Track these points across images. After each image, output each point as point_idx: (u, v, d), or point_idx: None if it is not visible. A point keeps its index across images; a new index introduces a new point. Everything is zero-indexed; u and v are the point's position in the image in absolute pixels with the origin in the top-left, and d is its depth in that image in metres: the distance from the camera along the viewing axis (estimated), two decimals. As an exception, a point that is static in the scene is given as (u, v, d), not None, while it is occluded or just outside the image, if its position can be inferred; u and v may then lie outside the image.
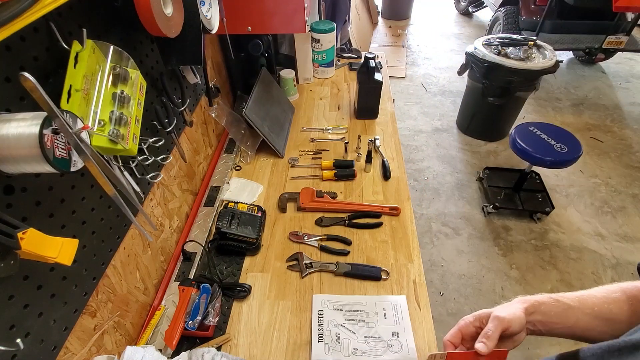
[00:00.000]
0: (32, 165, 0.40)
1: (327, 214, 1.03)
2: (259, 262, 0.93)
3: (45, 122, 0.39)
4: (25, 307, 0.49)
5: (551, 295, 0.58)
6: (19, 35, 0.44)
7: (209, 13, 0.85)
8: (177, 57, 0.78)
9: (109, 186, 0.48)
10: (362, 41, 3.63)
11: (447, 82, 3.64)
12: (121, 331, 0.73)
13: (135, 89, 0.61)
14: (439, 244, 2.10)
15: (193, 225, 1.01)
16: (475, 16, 5.21)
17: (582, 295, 0.59)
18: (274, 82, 1.39)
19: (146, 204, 0.80)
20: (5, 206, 0.44)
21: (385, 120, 1.39)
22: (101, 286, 0.65)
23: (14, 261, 0.40)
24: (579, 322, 0.56)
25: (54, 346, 0.54)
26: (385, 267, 0.89)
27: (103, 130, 0.53)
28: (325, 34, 1.50)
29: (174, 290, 0.85)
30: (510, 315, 0.55)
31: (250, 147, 1.22)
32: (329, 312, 0.81)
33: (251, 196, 1.10)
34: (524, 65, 2.27)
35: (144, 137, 0.71)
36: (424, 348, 0.75)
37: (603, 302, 0.57)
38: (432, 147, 2.82)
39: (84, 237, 0.59)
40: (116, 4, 0.62)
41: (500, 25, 3.49)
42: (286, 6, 1.06)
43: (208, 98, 1.11)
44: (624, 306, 0.56)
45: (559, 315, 0.56)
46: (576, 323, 0.56)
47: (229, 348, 0.77)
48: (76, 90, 0.48)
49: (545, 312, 0.57)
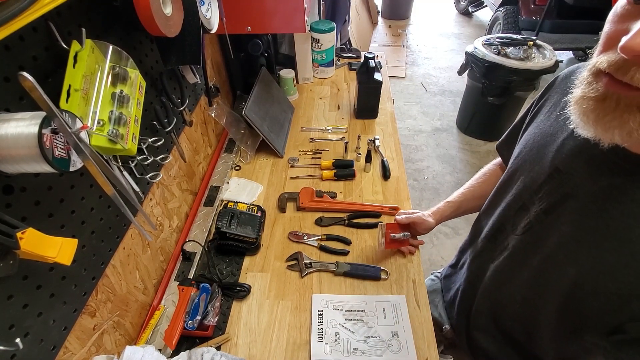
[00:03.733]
0: (31, 165, 0.40)
1: (326, 214, 1.03)
2: (258, 262, 0.93)
3: (44, 122, 0.39)
4: (25, 306, 0.48)
5: (447, 200, 0.91)
6: (18, 35, 0.44)
7: (209, 13, 0.84)
8: (177, 56, 0.78)
9: (108, 186, 0.48)
10: (362, 41, 3.63)
11: (447, 81, 3.64)
12: (120, 331, 0.73)
13: (135, 88, 0.61)
14: (438, 244, 2.11)
15: (193, 225, 1.01)
16: (475, 16, 5.21)
17: (466, 190, 0.91)
18: (273, 82, 1.39)
19: (145, 204, 0.80)
20: (5, 206, 0.44)
21: (385, 120, 1.39)
22: (100, 286, 0.65)
23: (13, 261, 0.40)
24: (467, 207, 0.90)
25: (53, 346, 0.54)
26: (384, 267, 0.89)
27: (102, 130, 0.53)
28: (325, 34, 1.50)
29: (174, 290, 0.85)
30: (424, 217, 0.89)
31: (250, 147, 1.22)
32: (329, 311, 0.81)
33: (251, 196, 1.09)
34: (524, 65, 2.27)
35: (143, 137, 0.71)
36: (423, 348, 0.76)
37: (477, 185, 0.89)
38: (432, 146, 2.83)
39: (84, 237, 0.59)
40: (115, 4, 0.61)
41: (500, 25, 3.49)
42: (286, 6, 1.06)
43: (208, 98, 1.11)
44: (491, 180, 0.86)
45: (454, 210, 0.90)
46: (466, 209, 0.90)
47: (228, 348, 0.77)
48: (75, 90, 0.48)
49: (445, 214, 0.90)
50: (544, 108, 0.67)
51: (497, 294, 0.72)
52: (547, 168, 0.59)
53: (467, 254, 0.85)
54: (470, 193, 0.89)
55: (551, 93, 0.66)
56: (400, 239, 0.89)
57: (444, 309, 0.95)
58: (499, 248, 0.70)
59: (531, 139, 0.65)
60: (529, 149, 0.65)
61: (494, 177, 0.87)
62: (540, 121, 0.66)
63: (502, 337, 0.75)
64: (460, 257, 0.90)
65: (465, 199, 0.89)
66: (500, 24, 3.50)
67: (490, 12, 4.00)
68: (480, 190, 0.88)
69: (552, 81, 0.67)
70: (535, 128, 0.66)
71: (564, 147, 0.57)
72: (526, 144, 0.66)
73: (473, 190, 0.89)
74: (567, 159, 0.56)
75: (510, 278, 0.68)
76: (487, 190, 0.83)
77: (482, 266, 0.76)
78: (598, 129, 0.43)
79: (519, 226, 0.64)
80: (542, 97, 0.68)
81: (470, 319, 0.81)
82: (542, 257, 0.60)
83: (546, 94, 0.67)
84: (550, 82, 0.67)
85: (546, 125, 0.63)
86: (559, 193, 0.56)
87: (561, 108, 0.59)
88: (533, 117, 0.69)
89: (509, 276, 0.68)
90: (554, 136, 0.60)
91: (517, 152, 0.69)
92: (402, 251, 0.93)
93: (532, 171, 0.62)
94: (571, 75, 0.63)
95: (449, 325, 0.92)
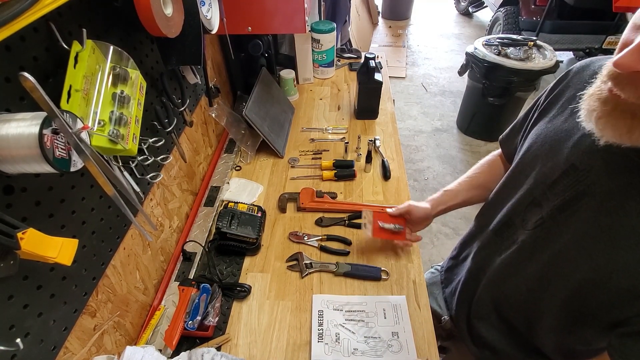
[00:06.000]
0: (32, 166, 0.40)
1: (327, 214, 1.03)
2: (258, 262, 0.93)
3: (45, 122, 0.39)
4: (25, 307, 0.49)
5: (444, 189, 0.90)
6: (19, 35, 0.44)
7: (209, 13, 0.85)
8: (177, 57, 0.78)
9: (109, 186, 0.48)
10: (362, 41, 3.63)
11: (447, 82, 3.64)
12: (121, 331, 0.73)
13: (135, 89, 0.61)
14: (439, 244, 2.10)
15: (193, 225, 1.01)
16: (475, 16, 5.21)
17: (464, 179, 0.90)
18: (274, 82, 1.39)
19: (146, 204, 0.80)
20: (5, 206, 0.44)
21: (385, 121, 1.39)
22: (101, 286, 0.65)
23: (14, 261, 0.40)
24: (464, 198, 0.88)
25: (53, 346, 0.54)
26: (385, 267, 0.89)
27: (103, 130, 0.53)
28: (326, 34, 1.50)
29: (174, 290, 0.85)
30: (416, 204, 0.89)
31: (250, 147, 1.22)
32: (329, 312, 0.81)
33: (251, 196, 1.09)
34: (524, 66, 2.27)
35: (144, 137, 0.71)
36: (424, 348, 0.75)
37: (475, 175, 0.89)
38: (432, 147, 2.82)
39: (84, 237, 0.59)
40: (116, 4, 0.62)
41: (501, 25, 3.49)
42: (286, 6, 1.06)
43: (208, 98, 1.11)
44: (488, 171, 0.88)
45: (451, 199, 0.88)
46: (463, 199, 0.88)
47: (228, 348, 0.77)
48: (76, 90, 0.48)
49: (443, 202, 0.89)
50: (555, 102, 0.66)
51: (502, 285, 0.72)
52: (562, 164, 0.58)
53: (471, 247, 0.85)
54: (468, 182, 0.89)
55: (562, 87, 0.65)
56: (392, 230, 0.88)
57: (444, 301, 0.95)
58: (507, 241, 0.70)
59: (542, 134, 0.65)
60: (541, 144, 0.64)
61: (493, 167, 0.87)
62: (552, 116, 0.65)
63: (503, 326, 0.76)
64: (463, 249, 0.90)
65: (463, 189, 0.88)
66: (500, 25, 3.50)
67: (490, 13, 4.00)
68: (479, 180, 0.88)
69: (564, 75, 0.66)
70: (547, 123, 0.65)
71: (581, 144, 0.56)
72: (537, 139, 0.66)
73: (471, 180, 0.89)
74: (584, 156, 0.55)
75: (517, 271, 0.68)
76: (486, 180, 0.85)
77: (487, 258, 0.76)
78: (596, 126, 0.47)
79: (529, 221, 0.64)
80: (553, 91, 0.67)
81: (472, 307, 0.81)
82: (553, 253, 0.60)
83: (557, 88, 0.66)
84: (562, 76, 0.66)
85: (559, 120, 0.62)
86: (574, 190, 0.56)
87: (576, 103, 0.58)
88: (543, 112, 0.68)
89: (516, 269, 0.68)
90: (569, 132, 0.59)
91: (527, 147, 0.68)
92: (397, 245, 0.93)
93: (545, 167, 0.62)
94: (585, 70, 0.62)
95: (447, 317, 0.92)
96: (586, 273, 0.55)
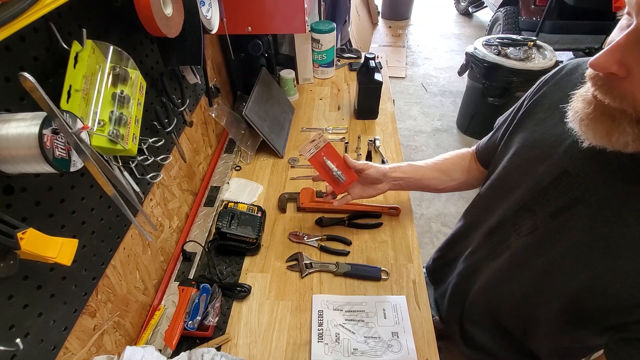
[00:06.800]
0: (32, 166, 0.40)
1: (327, 214, 1.03)
2: (258, 262, 0.93)
3: (45, 122, 0.39)
4: (25, 307, 0.48)
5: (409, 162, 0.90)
6: (19, 35, 0.44)
7: (209, 13, 0.85)
8: (177, 57, 0.78)
9: (109, 186, 0.48)
10: (362, 41, 3.64)
11: (447, 82, 3.64)
12: (121, 331, 0.73)
13: (135, 89, 0.61)
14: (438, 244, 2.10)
15: (193, 225, 1.01)
16: (475, 16, 5.21)
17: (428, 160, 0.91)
18: (274, 82, 1.39)
19: (146, 204, 0.80)
20: (5, 206, 0.44)
21: (385, 121, 1.39)
22: (101, 286, 0.65)
23: (14, 261, 0.40)
24: (425, 175, 0.88)
25: (53, 346, 0.54)
26: (385, 268, 0.89)
27: (103, 130, 0.53)
28: (325, 34, 1.50)
29: (174, 290, 0.85)
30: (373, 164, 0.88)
31: (250, 147, 1.22)
32: (329, 312, 0.81)
33: (251, 196, 1.09)
34: (524, 66, 2.27)
35: (143, 137, 0.71)
36: (424, 348, 0.75)
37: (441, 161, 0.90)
38: (432, 147, 2.83)
39: (84, 237, 0.59)
40: (116, 5, 0.62)
41: (500, 25, 3.49)
42: (286, 6, 1.06)
43: (208, 98, 1.11)
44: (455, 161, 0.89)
45: (411, 172, 0.88)
46: (423, 175, 0.88)
47: (228, 348, 0.77)
48: (76, 90, 0.48)
49: (402, 170, 0.88)
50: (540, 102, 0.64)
51: (495, 290, 0.71)
52: (554, 170, 0.57)
53: (459, 248, 0.84)
54: (433, 164, 0.90)
55: (549, 88, 0.63)
56: (331, 171, 0.85)
57: (434, 301, 0.94)
58: (499, 246, 0.69)
59: (531, 138, 0.63)
60: (530, 148, 0.63)
61: (462, 160, 0.89)
62: (539, 119, 0.63)
63: (496, 330, 0.75)
64: (450, 249, 0.89)
65: (426, 167, 0.89)
66: (500, 25, 3.50)
67: (490, 13, 4.00)
68: (444, 165, 0.89)
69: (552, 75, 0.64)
70: (534, 126, 0.63)
71: (573, 150, 0.55)
72: (525, 142, 0.64)
73: (436, 164, 0.90)
74: (577, 163, 0.54)
75: (510, 277, 0.67)
76: (451, 168, 0.88)
77: (478, 262, 0.75)
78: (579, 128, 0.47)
79: (522, 227, 0.63)
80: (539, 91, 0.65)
81: (464, 311, 0.81)
82: (547, 260, 0.59)
83: (543, 88, 0.64)
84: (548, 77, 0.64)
85: (549, 124, 0.61)
86: (567, 196, 0.55)
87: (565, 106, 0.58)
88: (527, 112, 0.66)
89: (509, 275, 0.67)
90: (560, 137, 0.58)
91: (515, 150, 0.66)
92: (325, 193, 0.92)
93: (535, 172, 0.60)
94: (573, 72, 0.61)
95: (437, 317, 0.91)
96: (583, 282, 0.54)
